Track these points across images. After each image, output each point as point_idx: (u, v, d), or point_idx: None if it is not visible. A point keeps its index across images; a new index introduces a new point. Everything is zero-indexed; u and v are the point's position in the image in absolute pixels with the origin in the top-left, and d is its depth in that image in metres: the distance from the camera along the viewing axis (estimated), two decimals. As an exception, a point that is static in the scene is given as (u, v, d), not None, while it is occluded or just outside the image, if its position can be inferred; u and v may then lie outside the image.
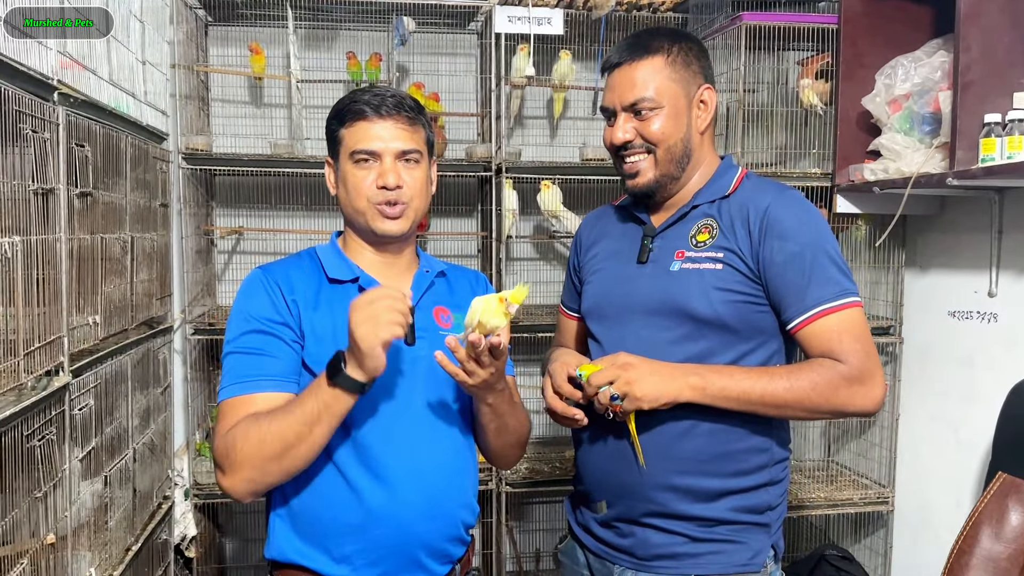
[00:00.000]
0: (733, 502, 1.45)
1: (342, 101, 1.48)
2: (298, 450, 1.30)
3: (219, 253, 3.16)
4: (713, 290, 1.43)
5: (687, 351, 1.44)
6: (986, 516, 1.86)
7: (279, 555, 1.41)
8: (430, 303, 1.50)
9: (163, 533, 2.61)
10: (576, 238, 1.75)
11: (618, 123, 1.50)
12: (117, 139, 2.13)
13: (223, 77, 3.08)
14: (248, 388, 1.36)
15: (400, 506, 1.38)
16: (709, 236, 1.48)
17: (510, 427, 1.50)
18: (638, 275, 1.53)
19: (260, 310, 1.40)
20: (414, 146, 1.45)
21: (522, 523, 3.37)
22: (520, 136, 3.31)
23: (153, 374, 2.52)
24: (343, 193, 1.47)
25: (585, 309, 1.62)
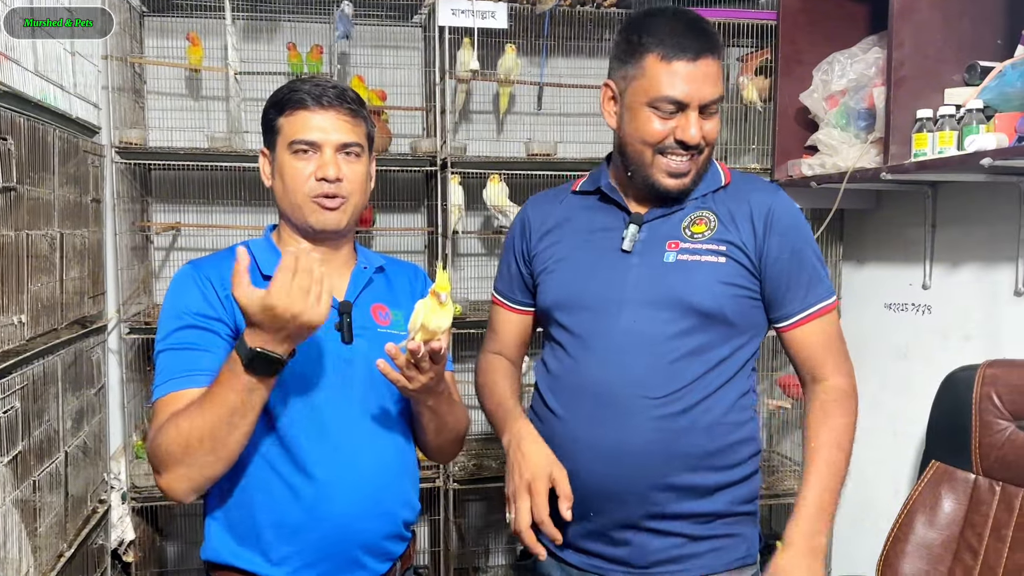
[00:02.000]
0: (729, 495, 1.44)
1: (281, 90, 1.43)
2: (229, 438, 1.25)
3: (156, 250, 3.08)
4: (717, 283, 1.40)
5: (687, 345, 1.40)
6: (920, 504, 1.90)
7: (215, 557, 1.38)
8: (368, 300, 1.47)
9: (99, 538, 2.53)
10: (521, 221, 1.62)
11: (691, 119, 1.38)
12: (44, 132, 2.06)
13: (159, 69, 2.99)
14: (182, 384, 1.31)
15: (339, 506, 1.35)
16: (707, 228, 1.44)
17: (449, 425, 1.48)
18: (623, 264, 1.45)
19: (192, 305, 1.36)
20: (355, 139, 1.41)
21: (470, 519, 3.35)
22: (466, 131, 3.28)
23: (86, 375, 2.45)
24: (279, 185, 1.42)
25: (552, 301, 1.50)
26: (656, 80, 1.37)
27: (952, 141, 1.88)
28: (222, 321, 1.36)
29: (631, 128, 1.42)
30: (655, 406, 1.38)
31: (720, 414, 1.41)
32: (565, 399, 1.45)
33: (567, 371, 1.46)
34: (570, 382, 1.45)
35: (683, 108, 1.37)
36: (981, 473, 1.78)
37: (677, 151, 1.40)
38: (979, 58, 1.97)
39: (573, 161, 3.08)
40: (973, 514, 1.80)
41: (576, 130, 3.30)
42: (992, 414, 1.75)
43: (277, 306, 1.17)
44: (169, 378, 1.32)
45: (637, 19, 1.44)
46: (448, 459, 1.62)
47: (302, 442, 1.35)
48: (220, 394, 1.24)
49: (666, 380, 1.39)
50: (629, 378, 1.39)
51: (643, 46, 1.38)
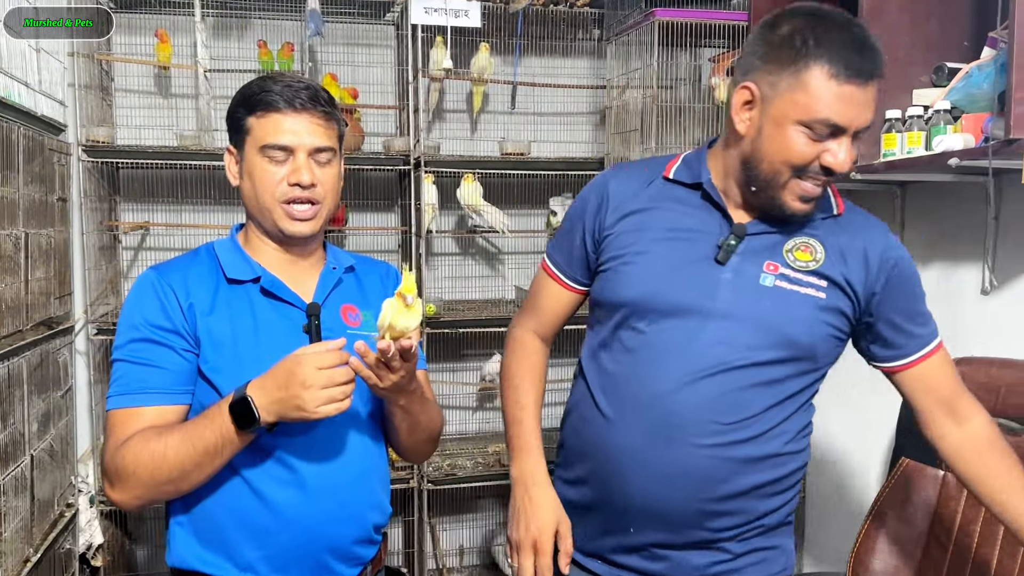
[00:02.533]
0: (778, 516, 1.39)
1: (251, 87, 1.38)
2: (195, 476, 1.27)
3: (124, 249, 3.03)
4: (816, 319, 1.31)
5: (766, 374, 1.30)
6: (890, 501, 1.92)
7: (180, 563, 1.36)
8: (337, 301, 1.44)
9: (66, 542, 2.50)
10: (600, 193, 1.44)
11: (845, 144, 1.24)
12: (8, 130, 2.02)
13: (127, 66, 2.95)
14: (136, 401, 1.30)
15: (307, 511, 1.33)
16: (812, 258, 1.32)
17: (422, 424, 1.46)
18: (714, 276, 1.32)
19: (149, 316, 1.32)
20: (329, 143, 1.38)
21: (445, 519, 3.34)
22: (439, 130, 3.27)
23: (53, 376, 2.41)
24: (248, 186, 1.39)
25: (626, 298, 1.36)
26: (819, 99, 1.20)
27: (920, 141, 1.89)
28: (179, 334, 1.33)
29: (773, 145, 1.25)
30: (721, 432, 1.29)
31: (781, 444, 1.33)
32: (621, 405, 1.35)
33: (630, 377, 1.35)
34: (631, 390, 1.34)
35: (839, 133, 1.23)
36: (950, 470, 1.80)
37: (818, 176, 1.26)
38: (946, 59, 1.99)
39: (547, 160, 3.08)
40: (942, 510, 1.82)
41: (550, 129, 3.31)
42: (960, 411, 1.77)
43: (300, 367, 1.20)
44: (122, 392, 1.31)
45: (803, 19, 1.24)
46: (422, 459, 1.60)
47: (267, 445, 1.32)
48: (201, 431, 1.24)
49: (737, 407, 1.30)
50: (700, 399, 1.29)
51: (809, 55, 1.20)
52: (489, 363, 3.18)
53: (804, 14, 1.24)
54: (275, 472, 1.32)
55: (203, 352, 1.33)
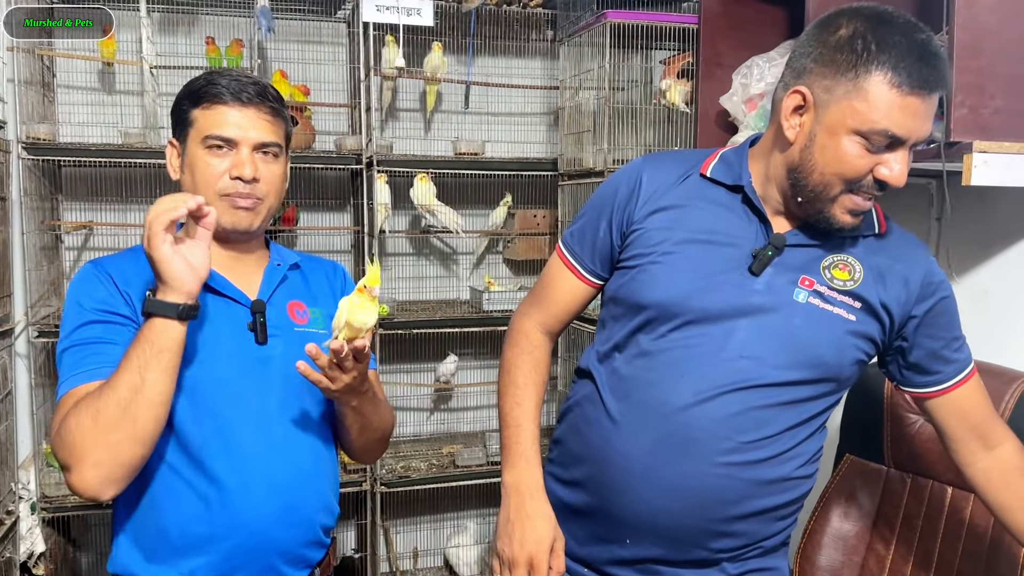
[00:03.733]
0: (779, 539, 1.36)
1: (197, 80, 1.36)
2: (137, 406, 1.16)
3: (67, 250, 2.95)
4: (845, 342, 1.26)
5: (789, 394, 1.25)
6: (835, 497, 1.95)
7: (123, 571, 1.33)
8: (283, 298, 1.42)
9: (7, 551, 2.42)
10: (631, 182, 1.35)
11: (903, 157, 1.17)
12: (-59, 126, 1.95)
13: (70, 62, 2.87)
14: (90, 377, 1.23)
15: (252, 514, 1.31)
16: (849, 278, 1.26)
17: (373, 425, 1.45)
18: (746, 287, 1.26)
19: (95, 300, 1.29)
20: (274, 139, 1.36)
21: (398, 522, 3.32)
22: (392, 129, 3.25)
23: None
24: (188, 180, 1.36)
25: (650, 299, 1.28)
26: (879, 109, 1.13)
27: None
28: (123, 314, 1.29)
29: (826, 155, 1.18)
30: (738, 450, 1.23)
31: (794, 468, 1.29)
32: (631, 410, 1.29)
33: (645, 383, 1.28)
34: (645, 396, 1.27)
35: (897, 145, 1.16)
36: (893, 466, 1.83)
37: (871, 190, 1.19)
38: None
39: (501, 160, 3.08)
40: (885, 505, 1.85)
41: (503, 129, 3.30)
42: (903, 408, 1.81)
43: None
44: (74, 373, 1.24)
45: (864, 20, 1.16)
46: (372, 459, 1.59)
47: (211, 448, 1.29)
48: (126, 356, 1.19)
49: (756, 425, 1.24)
50: (720, 414, 1.23)
51: (871, 61, 1.13)
52: (443, 364, 3.17)
53: (866, 15, 1.16)
54: (216, 475, 1.29)
55: None
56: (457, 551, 3.21)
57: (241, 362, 1.33)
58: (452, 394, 3.39)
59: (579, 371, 1.44)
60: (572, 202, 2.82)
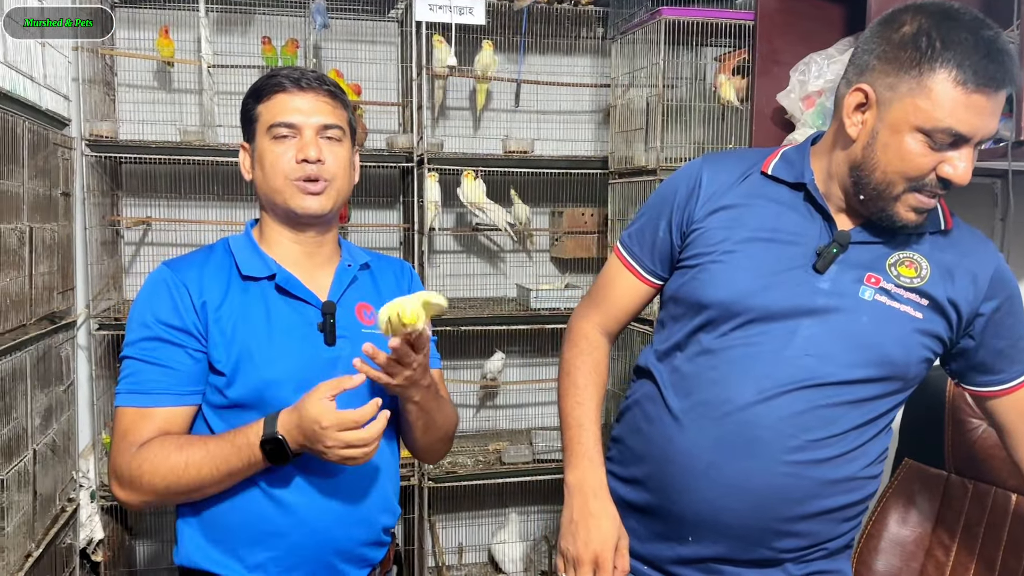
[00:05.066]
0: (843, 540, 1.34)
1: (259, 79, 1.41)
2: (211, 490, 1.30)
3: (126, 245, 3.02)
4: (913, 340, 1.24)
5: (856, 393, 1.24)
6: (893, 501, 1.92)
7: (188, 562, 1.36)
8: (352, 300, 1.43)
9: (67, 537, 2.49)
10: (691, 182, 1.34)
11: (967, 155, 1.15)
12: (13, 124, 2.01)
13: (130, 61, 2.94)
14: (146, 401, 1.31)
15: (317, 513, 1.34)
16: (916, 275, 1.25)
17: (437, 423, 1.46)
18: (810, 285, 1.24)
19: (161, 314, 1.33)
20: (336, 121, 1.38)
21: (444, 517, 3.34)
22: (443, 127, 3.27)
23: (55, 371, 2.40)
24: (259, 174, 1.39)
25: (712, 298, 1.27)
26: (943, 107, 1.11)
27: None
28: (190, 333, 1.33)
29: (888, 154, 1.17)
30: (805, 448, 1.22)
31: (860, 468, 1.27)
32: (693, 408, 1.28)
33: (707, 382, 1.27)
34: (708, 394, 1.27)
35: (961, 143, 1.14)
36: (953, 471, 1.80)
37: (935, 189, 1.18)
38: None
39: (550, 158, 3.08)
40: (945, 511, 1.82)
41: (553, 128, 3.30)
42: (965, 413, 1.77)
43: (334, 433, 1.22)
44: (132, 390, 1.32)
45: (928, 16, 1.14)
46: (436, 459, 1.59)
47: None
48: (227, 456, 1.26)
49: (822, 424, 1.23)
50: (784, 412, 1.22)
51: (936, 59, 1.11)
52: (490, 362, 3.18)
53: (930, 11, 1.14)
54: (286, 473, 1.32)
55: (215, 351, 1.32)
56: (503, 547, 3.22)
57: (310, 363, 1.35)
58: (498, 391, 3.40)
59: (637, 370, 1.44)
60: (622, 201, 2.81)
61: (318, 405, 1.21)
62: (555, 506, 3.32)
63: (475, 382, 3.30)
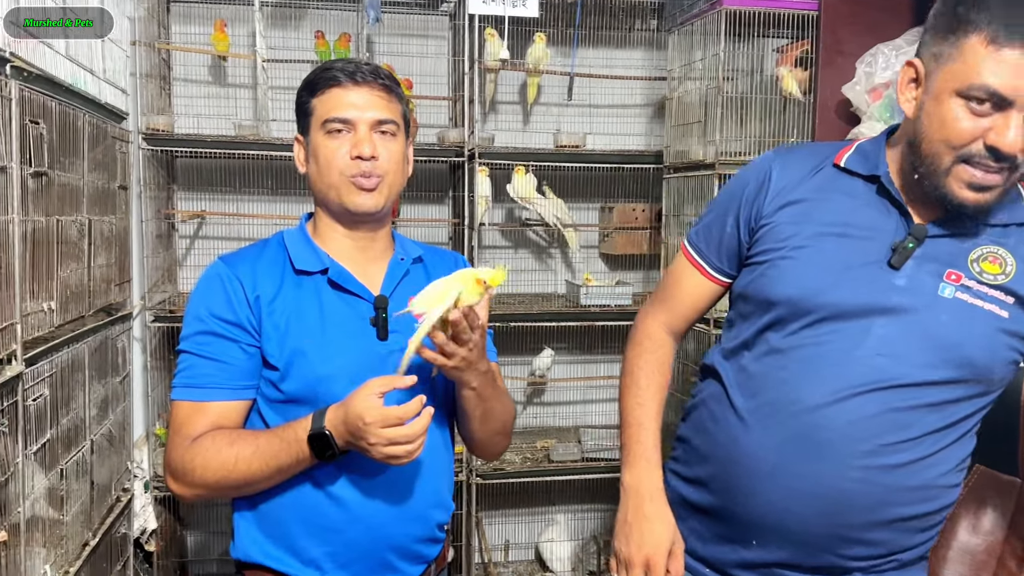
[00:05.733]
0: (917, 552, 1.30)
1: (313, 72, 1.39)
2: (261, 485, 1.30)
3: (180, 238, 3.06)
4: (998, 340, 1.18)
5: (934, 395, 1.18)
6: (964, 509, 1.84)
7: (244, 556, 1.35)
8: (405, 293, 1.40)
9: (122, 527, 2.52)
10: (760, 175, 1.31)
11: (1013, 121, 1.09)
12: (75, 117, 2.03)
13: (185, 56, 2.97)
14: (202, 395, 1.31)
15: (372, 508, 1.32)
16: (1001, 271, 1.19)
17: (496, 413, 1.43)
18: (886, 282, 1.19)
19: (216, 309, 1.32)
20: (390, 116, 1.36)
21: (490, 514, 3.32)
22: (492, 121, 3.24)
23: (111, 362, 2.42)
24: (313, 168, 1.37)
25: (781, 295, 1.23)
26: (976, 66, 1.08)
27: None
28: (243, 328, 1.32)
29: (931, 121, 1.14)
30: (877, 453, 1.18)
31: (938, 475, 1.22)
32: (760, 408, 1.24)
33: (775, 382, 1.23)
34: (776, 395, 1.22)
35: (1005, 106, 1.08)
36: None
37: (987, 161, 1.11)
38: None
39: (602, 153, 3.03)
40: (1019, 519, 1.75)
41: (604, 122, 3.26)
42: (1042, 417, 1.70)
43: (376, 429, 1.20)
44: (188, 384, 1.32)
45: None
46: (496, 454, 1.56)
47: None
48: (276, 452, 1.26)
49: (896, 427, 1.18)
50: (856, 415, 1.17)
51: (969, 23, 1.09)
52: (539, 358, 3.15)
53: None
54: (342, 469, 1.31)
55: (268, 344, 1.32)
56: (550, 546, 3.20)
57: (363, 358, 1.33)
58: (546, 388, 3.37)
59: (704, 369, 1.40)
60: (677, 196, 2.76)
61: (364, 401, 1.19)
62: (604, 505, 3.28)
63: (523, 379, 3.27)
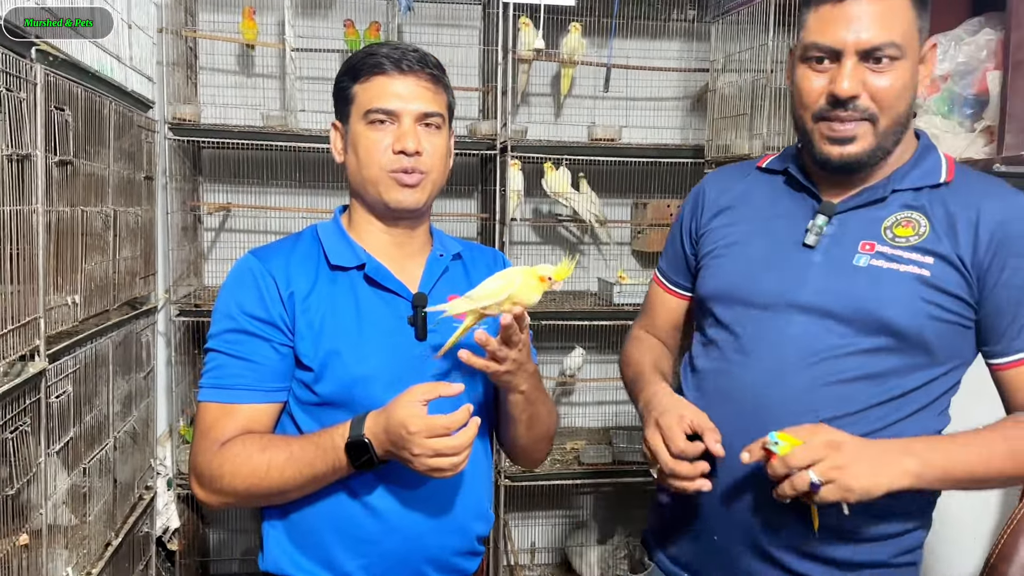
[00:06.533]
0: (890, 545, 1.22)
1: (356, 55, 1.29)
2: (294, 494, 1.22)
3: (206, 230, 3.00)
4: (919, 300, 1.16)
5: (865, 367, 1.17)
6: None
7: (275, 568, 1.27)
8: (444, 291, 1.33)
9: (144, 526, 2.47)
10: (695, 195, 1.42)
11: (845, 70, 1.14)
12: (100, 104, 1.97)
13: (212, 44, 2.90)
14: (231, 397, 1.23)
15: (409, 519, 1.24)
16: (914, 233, 1.19)
17: (542, 416, 1.36)
18: (802, 261, 1.23)
19: (247, 305, 1.24)
20: (437, 108, 1.28)
21: (516, 516, 3.25)
22: (524, 113, 3.16)
23: (136, 357, 2.37)
24: (352, 159, 1.29)
25: (713, 291, 1.31)
26: (807, 30, 1.19)
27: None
28: (276, 326, 1.24)
29: (793, 91, 1.24)
30: None
31: None
32: (711, 404, 1.24)
33: (718, 374, 1.27)
34: (720, 386, 1.26)
35: (838, 58, 1.15)
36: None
37: (833, 112, 1.17)
38: None
39: (639, 147, 2.94)
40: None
41: (639, 114, 3.17)
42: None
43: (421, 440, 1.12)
44: (216, 384, 1.24)
45: None
46: (539, 461, 1.48)
47: None
48: (311, 460, 1.18)
49: (835, 401, 1.16)
50: (792, 391, 1.18)
51: (806, 1, 1.21)
52: (569, 357, 3.07)
53: None
54: (378, 478, 1.23)
55: (302, 343, 1.24)
56: (580, 550, 3.12)
57: (401, 358, 1.26)
58: (576, 388, 3.29)
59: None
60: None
61: (407, 408, 1.12)
62: (635, 511, 3.20)
63: (553, 378, 3.19)
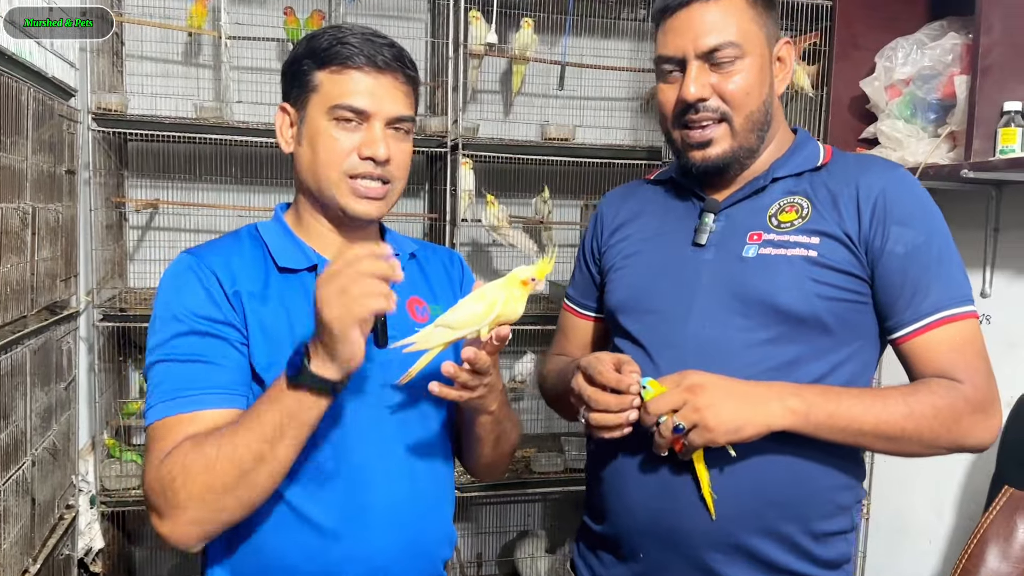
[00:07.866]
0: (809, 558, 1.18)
1: (322, 37, 1.15)
2: (258, 475, 1.01)
3: (131, 229, 2.80)
4: (808, 281, 1.14)
5: (774, 357, 1.15)
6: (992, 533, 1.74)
7: None
8: (403, 294, 1.20)
9: (65, 548, 2.27)
10: (595, 218, 1.43)
11: (690, 75, 1.17)
12: (18, 91, 1.79)
13: (140, 30, 2.70)
14: (186, 405, 1.05)
15: (371, 549, 1.12)
16: (798, 216, 1.19)
17: (508, 433, 1.27)
18: (695, 261, 1.23)
19: (195, 306, 1.09)
20: (410, 112, 1.17)
21: (460, 526, 3.14)
22: (474, 111, 3.05)
23: (56, 366, 2.18)
24: (306, 153, 1.16)
25: (616, 303, 1.30)
26: (656, 46, 1.23)
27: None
28: (231, 325, 1.10)
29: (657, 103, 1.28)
30: None
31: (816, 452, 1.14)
32: None
33: None
34: None
35: (683, 67, 1.19)
36: None
37: (686, 117, 1.20)
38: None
39: (592, 147, 2.87)
40: (1054, 546, 1.65)
41: (593, 114, 3.10)
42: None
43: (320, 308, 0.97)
44: (168, 397, 1.06)
45: None
46: (499, 475, 1.39)
47: (327, 469, 1.11)
48: (255, 413, 1.02)
49: None
50: None
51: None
52: (520, 362, 2.98)
53: None
54: (334, 502, 1.11)
55: (256, 350, 1.11)
56: (530, 562, 3.03)
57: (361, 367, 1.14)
58: (526, 393, 3.20)
59: None
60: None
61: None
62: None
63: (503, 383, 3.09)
